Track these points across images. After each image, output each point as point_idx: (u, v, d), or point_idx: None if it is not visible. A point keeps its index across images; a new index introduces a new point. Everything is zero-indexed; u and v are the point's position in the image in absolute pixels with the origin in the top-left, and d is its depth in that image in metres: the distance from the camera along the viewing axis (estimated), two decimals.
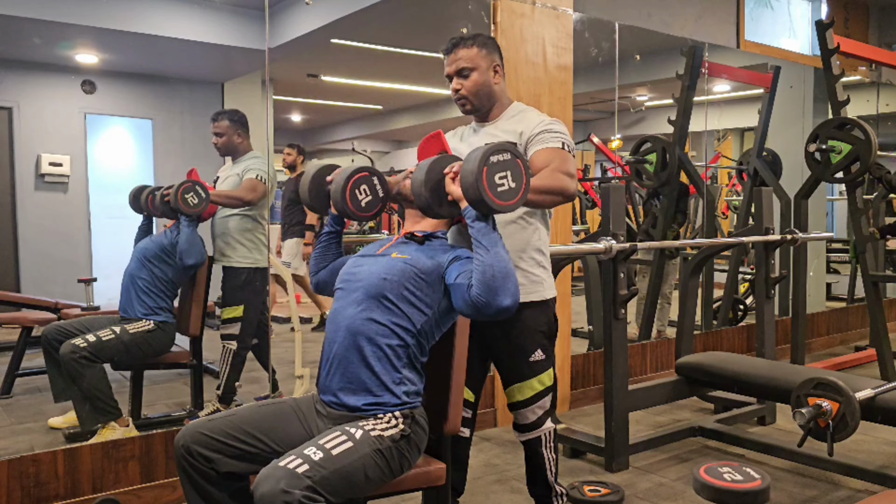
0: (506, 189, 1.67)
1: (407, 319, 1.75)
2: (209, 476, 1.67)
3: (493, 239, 1.67)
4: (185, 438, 1.67)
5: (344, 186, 1.94)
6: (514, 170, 1.68)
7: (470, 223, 1.70)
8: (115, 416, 2.91)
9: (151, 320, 3.07)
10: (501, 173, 1.66)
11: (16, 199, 4.16)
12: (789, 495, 2.67)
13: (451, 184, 1.75)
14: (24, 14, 3.88)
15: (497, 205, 1.66)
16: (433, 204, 1.78)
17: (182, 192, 3.05)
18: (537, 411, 2.15)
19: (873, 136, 3.88)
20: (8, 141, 4.15)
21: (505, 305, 1.62)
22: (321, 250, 2.06)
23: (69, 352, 2.79)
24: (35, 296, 3.86)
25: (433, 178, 1.77)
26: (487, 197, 1.64)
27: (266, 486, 1.45)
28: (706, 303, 4.94)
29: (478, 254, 1.66)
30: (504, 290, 1.62)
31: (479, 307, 1.64)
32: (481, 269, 1.63)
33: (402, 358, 1.74)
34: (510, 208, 1.70)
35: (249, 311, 3.33)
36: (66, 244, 4.34)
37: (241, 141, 3.38)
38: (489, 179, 1.64)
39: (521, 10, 3.36)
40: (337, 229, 2.06)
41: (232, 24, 4.59)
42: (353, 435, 1.62)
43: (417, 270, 1.77)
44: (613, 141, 6.30)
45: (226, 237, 3.34)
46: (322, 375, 1.80)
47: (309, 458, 1.52)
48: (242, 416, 1.74)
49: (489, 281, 1.62)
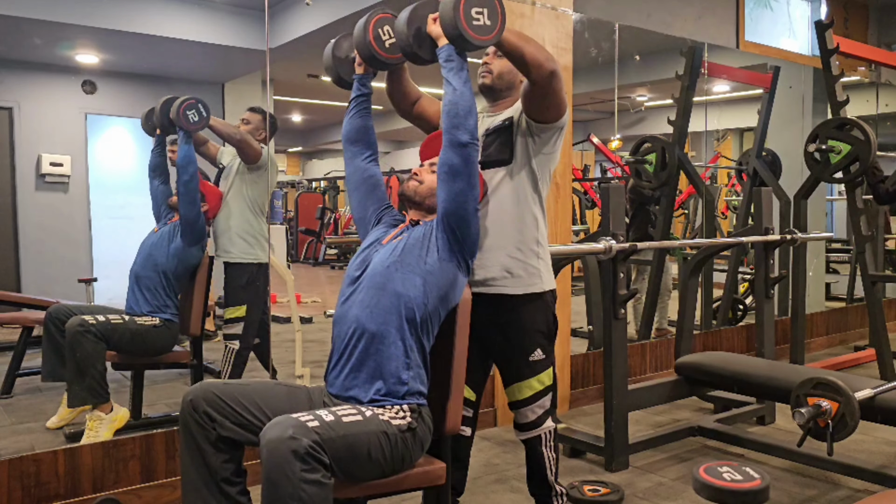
0: (481, 24, 1.77)
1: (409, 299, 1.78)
2: (209, 435, 1.69)
3: (462, 77, 1.80)
4: (195, 394, 1.70)
5: (365, 29, 1.98)
6: (490, 7, 1.78)
7: (443, 62, 1.81)
8: (102, 400, 2.90)
9: (157, 317, 3.10)
10: (478, 8, 1.76)
11: (16, 199, 4.16)
12: (789, 495, 2.67)
13: (433, 24, 1.83)
14: (24, 14, 3.88)
15: (473, 38, 1.75)
16: (413, 44, 1.85)
17: (184, 109, 3.08)
18: (537, 410, 2.16)
19: (873, 137, 3.89)
20: (8, 141, 4.15)
21: (462, 140, 1.78)
22: (352, 116, 2.10)
23: (77, 324, 2.82)
24: (35, 296, 3.86)
25: (417, 17, 1.85)
26: (464, 29, 1.74)
27: (275, 431, 1.49)
28: (706, 303, 4.94)
29: (446, 92, 1.80)
30: (464, 125, 1.78)
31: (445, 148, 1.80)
32: (447, 106, 1.80)
33: (409, 353, 1.77)
34: (486, 43, 1.80)
35: (252, 310, 3.34)
36: (66, 244, 4.34)
37: (260, 138, 3.44)
38: (466, 13, 1.74)
39: (521, 10, 3.36)
40: (365, 91, 2.10)
41: (232, 24, 4.59)
42: (364, 412, 1.66)
43: (411, 242, 1.86)
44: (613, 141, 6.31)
45: (228, 233, 3.36)
46: (330, 368, 1.84)
47: (320, 417, 1.56)
48: (256, 388, 1.78)
49: (454, 118, 1.79)
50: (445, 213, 1.83)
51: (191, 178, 3.12)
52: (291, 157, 16.09)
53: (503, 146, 2.09)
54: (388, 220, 2.05)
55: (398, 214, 2.08)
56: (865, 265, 4.20)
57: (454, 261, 1.84)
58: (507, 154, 2.09)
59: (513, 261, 2.09)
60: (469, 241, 1.86)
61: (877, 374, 4.13)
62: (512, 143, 2.09)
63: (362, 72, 2.07)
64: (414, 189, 1.97)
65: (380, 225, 2.04)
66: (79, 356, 2.82)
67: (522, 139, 2.09)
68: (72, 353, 2.84)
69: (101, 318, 2.90)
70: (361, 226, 2.08)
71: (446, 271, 1.83)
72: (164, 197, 3.28)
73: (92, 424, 2.86)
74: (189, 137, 3.13)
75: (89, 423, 2.87)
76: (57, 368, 2.99)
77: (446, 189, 1.82)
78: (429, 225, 1.90)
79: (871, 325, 4.31)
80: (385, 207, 2.08)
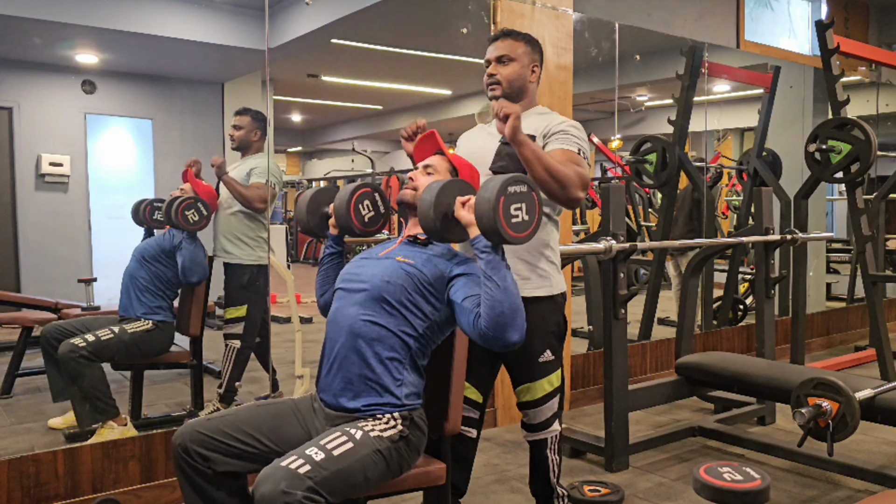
0: (520, 221, 1.65)
1: (408, 324, 1.75)
2: (206, 475, 1.66)
3: (503, 273, 1.64)
4: (183, 437, 1.67)
5: (348, 203, 1.97)
6: (528, 202, 1.67)
7: (479, 253, 1.67)
8: (113, 415, 2.91)
9: (150, 320, 3.08)
10: (517, 205, 1.64)
11: (16, 199, 4.16)
12: (789, 495, 2.67)
13: (461, 209, 1.72)
14: (24, 14, 3.88)
15: (510, 236, 1.63)
16: (441, 229, 1.75)
17: (182, 210, 3.01)
18: (546, 412, 2.16)
19: (873, 137, 3.88)
20: (8, 141, 4.15)
21: (513, 341, 1.63)
22: (325, 272, 2.06)
23: (68, 351, 2.80)
24: (35, 296, 3.86)
25: (443, 203, 1.73)
26: (503, 228, 1.61)
27: (267, 487, 1.45)
28: (706, 303, 4.94)
29: (487, 287, 1.63)
30: (513, 326, 1.62)
31: (488, 340, 1.63)
32: (490, 304, 1.62)
33: (402, 361, 1.75)
34: (521, 241, 1.67)
35: (253, 310, 3.33)
36: (66, 244, 4.34)
37: (256, 140, 3.42)
38: (505, 210, 1.62)
39: (521, 10, 3.35)
40: (338, 249, 2.07)
41: (232, 24, 4.59)
42: (354, 436, 1.62)
43: (420, 278, 1.77)
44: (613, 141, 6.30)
45: (229, 234, 3.34)
46: (322, 375, 1.81)
47: (311, 458, 1.52)
48: (240, 415, 1.74)
49: (498, 317, 1.61)
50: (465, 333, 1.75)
51: (199, 280, 3.09)
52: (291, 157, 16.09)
53: (519, 162, 2.02)
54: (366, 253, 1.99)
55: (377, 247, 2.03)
56: (866, 265, 4.19)
57: None
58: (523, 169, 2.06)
59: (524, 264, 2.09)
60: None
61: (877, 374, 4.12)
62: None
63: (336, 233, 2.05)
64: (412, 196, 1.92)
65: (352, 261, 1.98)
66: (81, 384, 2.82)
67: None
68: (72, 382, 2.83)
69: (91, 337, 2.86)
70: None
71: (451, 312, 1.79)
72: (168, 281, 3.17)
73: (103, 432, 2.85)
74: (193, 237, 3.08)
75: (101, 431, 2.87)
76: (64, 389, 2.97)
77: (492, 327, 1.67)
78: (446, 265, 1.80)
79: (872, 325, 4.30)
80: None
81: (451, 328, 1.84)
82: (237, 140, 3.41)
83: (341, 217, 1.99)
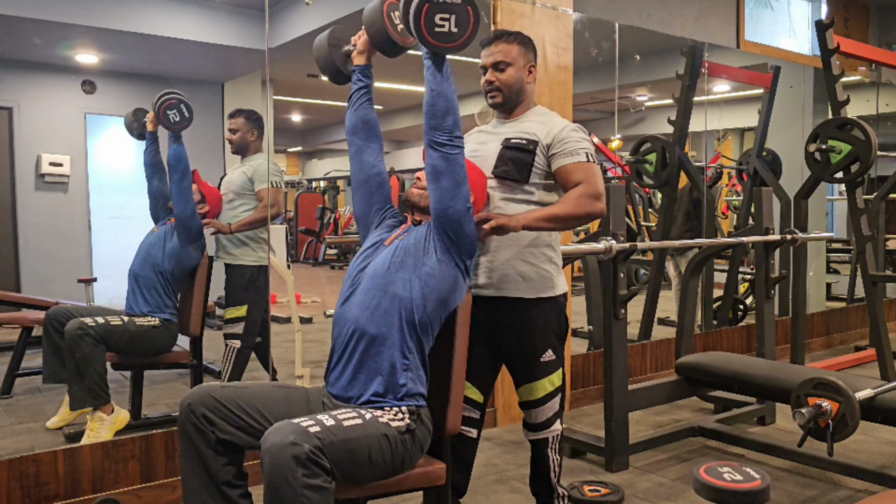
0: (445, 31, 1.72)
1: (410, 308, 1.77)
2: (208, 439, 1.69)
3: (437, 77, 1.79)
4: (193, 398, 1.70)
5: (381, 11, 1.94)
6: (461, 15, 1.73)
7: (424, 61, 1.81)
8: (103, 402, 2.90)
9: (157, 317, 3.09)
10: (444, 15, 1.71)
11: (16, 199, 4.16)
12: (789, 495, 2.67)
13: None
14: (24, 14, 3.87)
15: (432, 45, 1.73)
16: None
17: (164, 108, 3.02)
18: (547, 412, 2.17)
19: (873, 137, 3.88)
20: (8, 141, 4.14)
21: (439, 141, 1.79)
22: (356, 106, 2.07)
23: (76, 327, 2.81)
24: (35, 296, 3.86)
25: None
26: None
27: (276, 437, 1.49)
28: (706, 303, 4.94)
29: (425, 92, 1.80)
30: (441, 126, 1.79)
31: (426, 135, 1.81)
32: (425, 107, 1.80)
33: (408, 355, 1.77)
34: (446, 50, 1.76)
35: (253, 310, 3.34)
36: (66, 244, 4.33)
37: (253, 140, 3.43)
38: (428, 18, 1.70)
39: (521, 10, 3.35)
40: (367, 82, 2.07)
41: (232, 24, 4.58)
42: (364, 416, 1.66)
43: (412, 239, 1.86)
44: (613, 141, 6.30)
45: (230, 236, 3.35)
46: (330, 369, 1.84)
47: (321, 422, 1.56)
48: (254, 391, 1.77)
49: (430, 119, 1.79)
50: (436, 214, 1.82)
51: (182, 176, 3.09)
52: (291, 157, 16.10)
53: (521, 167, 2.07)
54: (391, 221, 2.04)
55: (400, 215, 2.07)
56: (866, 265, 4.19)
57: (452, 262, 1.83)
58: (525, 175, 2.08)
59: (526, 265, 2.09)
60: (464, 240, 1.83)
61: (877, 374, 4.12)
62: (530, 167, 2.08)
63: (363, 62, 2.04)
64: (419, 195, 1.96)
65: (381, 227, 2.02)
66: (78, 358, 2.82)
67: (540, 170, 2.09)
68: (71, 356, 2.83)
69: (100, 319, 2.89)
70: (362, 225, 2.06)
71: (445, 273, 1.82)
72: (163, 197, 3.27)
73: (93, 425, 2.86)
74: (178, 136, 3.10)
75: (90, 423, 2.87)
76: (57, 370, 2.99)
77: (433, 189, 1.81)
78: (429, 225, 1.90)
79: (872, 325, 4.30)
80: (388, 208, 2.06)
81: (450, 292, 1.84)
82: (234, 143, 3.42)
83: (378, 30, 1.97)
